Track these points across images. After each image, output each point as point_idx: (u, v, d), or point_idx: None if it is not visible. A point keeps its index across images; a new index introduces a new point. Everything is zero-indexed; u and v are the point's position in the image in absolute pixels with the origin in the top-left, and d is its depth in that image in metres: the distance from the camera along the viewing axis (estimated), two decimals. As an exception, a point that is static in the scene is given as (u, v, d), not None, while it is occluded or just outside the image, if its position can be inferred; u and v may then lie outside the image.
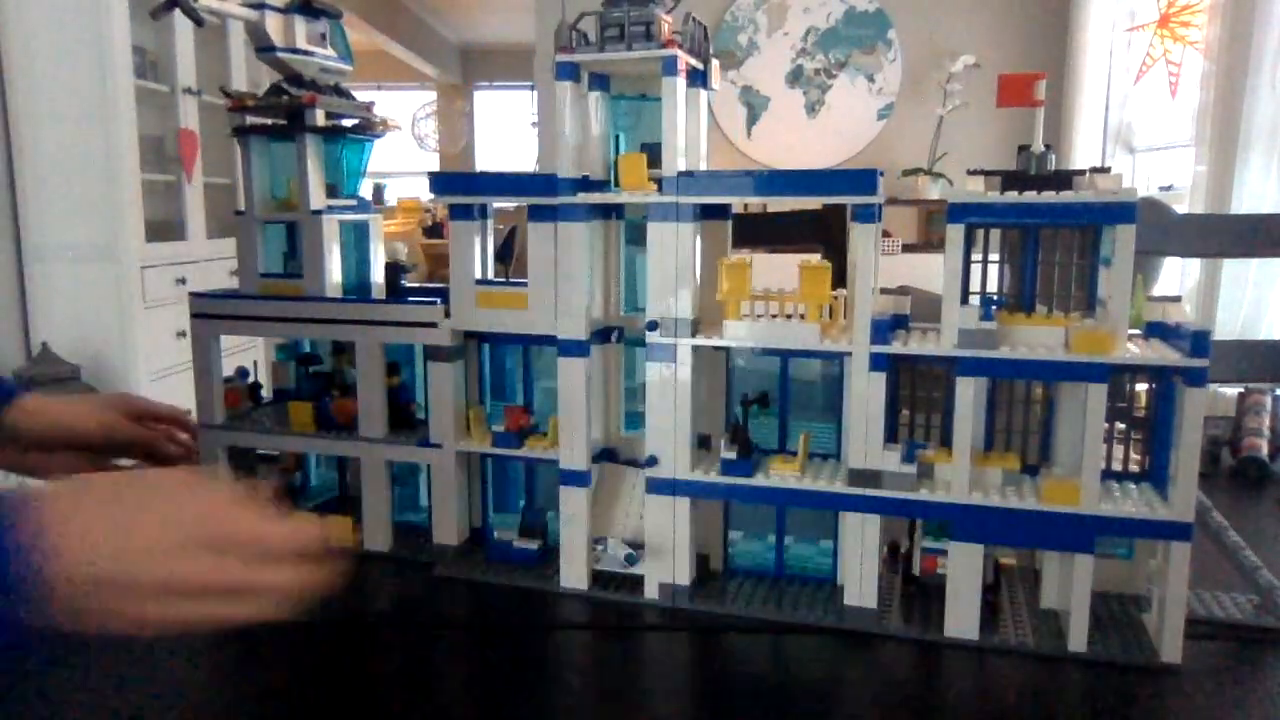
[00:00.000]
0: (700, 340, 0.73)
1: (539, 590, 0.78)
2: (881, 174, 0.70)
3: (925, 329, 0.74)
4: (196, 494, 0.53)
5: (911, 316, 0.75)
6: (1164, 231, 1.62)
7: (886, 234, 4.81)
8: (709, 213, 0.77)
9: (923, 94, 5.04)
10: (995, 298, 0.73)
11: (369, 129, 0.92)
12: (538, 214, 0.77)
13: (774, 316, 0.74)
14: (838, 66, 5.13)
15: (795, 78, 5.16)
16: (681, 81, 0.73)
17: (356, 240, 0.93)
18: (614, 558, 0.77)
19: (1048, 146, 0.69)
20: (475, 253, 0.81)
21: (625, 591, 0.77)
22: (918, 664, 0.66)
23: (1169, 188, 4.24)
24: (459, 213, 0.80)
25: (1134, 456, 0.73)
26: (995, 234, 0.73)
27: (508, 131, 9.76)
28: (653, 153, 0.74)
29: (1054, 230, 0.71)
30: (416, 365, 0.92)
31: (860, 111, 5.15)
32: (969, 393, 0.67)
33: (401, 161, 9.68)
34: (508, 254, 7.68)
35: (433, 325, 0.82)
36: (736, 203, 0.77)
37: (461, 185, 0.81)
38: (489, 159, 9.88)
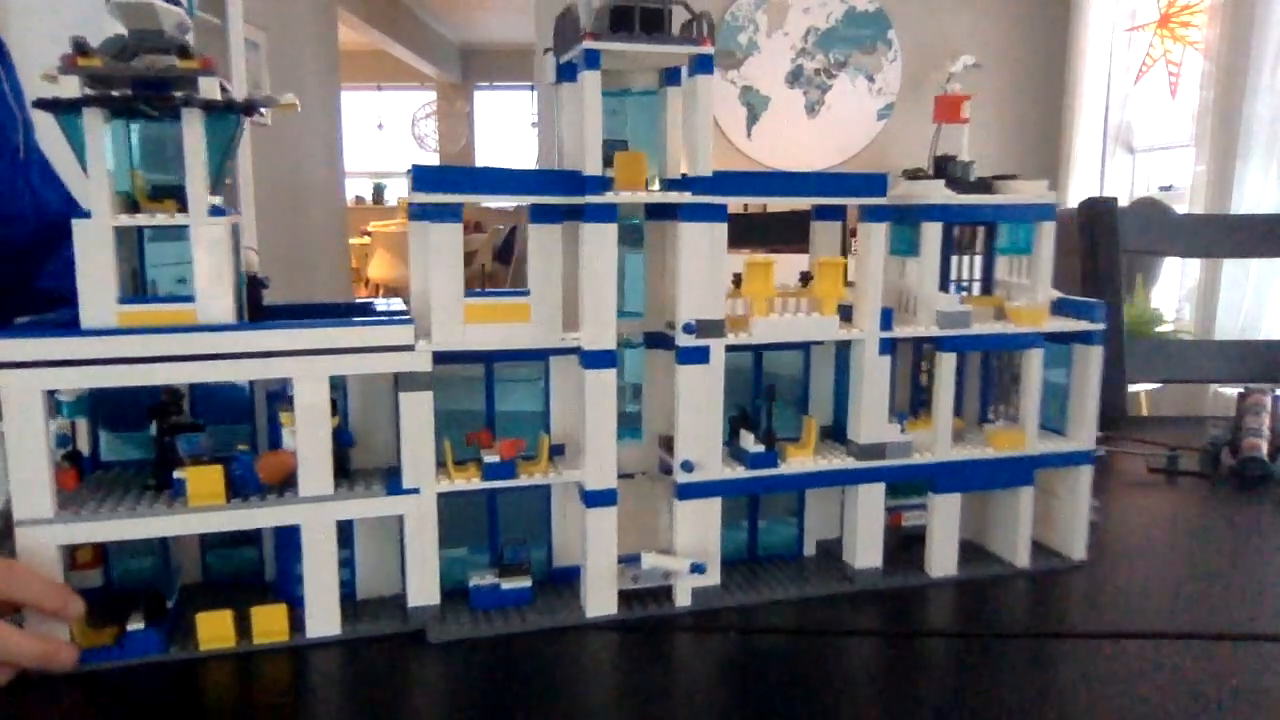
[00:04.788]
0: (731, 339, 0.74)
1: (564, 628, 0.71)
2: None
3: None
4: None
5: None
6: (1164, 231, 1.62)
7: (886, 234, 4.80)
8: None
9: (923, 94, 5.04)
10: (962, 285, 0.87)
11: (240, 105, 0.69)
12: (543, 215, 0.72)
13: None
14: (838, 66, 5.13)
15: (795, 78, 5.15)
16: (705, 79, 0.72)
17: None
18: (655, 572, 0.73)
19: (970, 160, 0.85)
20: (459, 260, 0.71)
21: (655, 606, 0.74)
22: (923, 603, 0.77)
23: (1169, 188, 4.23)
24: (443, 214, 0.70)
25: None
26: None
27: (508, 131, 9.75)
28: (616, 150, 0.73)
29: (972, 227, 0.86)
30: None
31: (860, 111, 5.15)
32: (950, 366, 0.79)
33: (401, 161, 9.68)
34: (507, 255, 7.69)
35: (407, 349, 0.69)
36: (737, 203, 0.77)
37: (455, 182, 0.70)
38: (489, 159, 9.88)
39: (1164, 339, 2.97)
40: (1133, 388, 1.71)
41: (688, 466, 0.74)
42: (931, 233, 0.78)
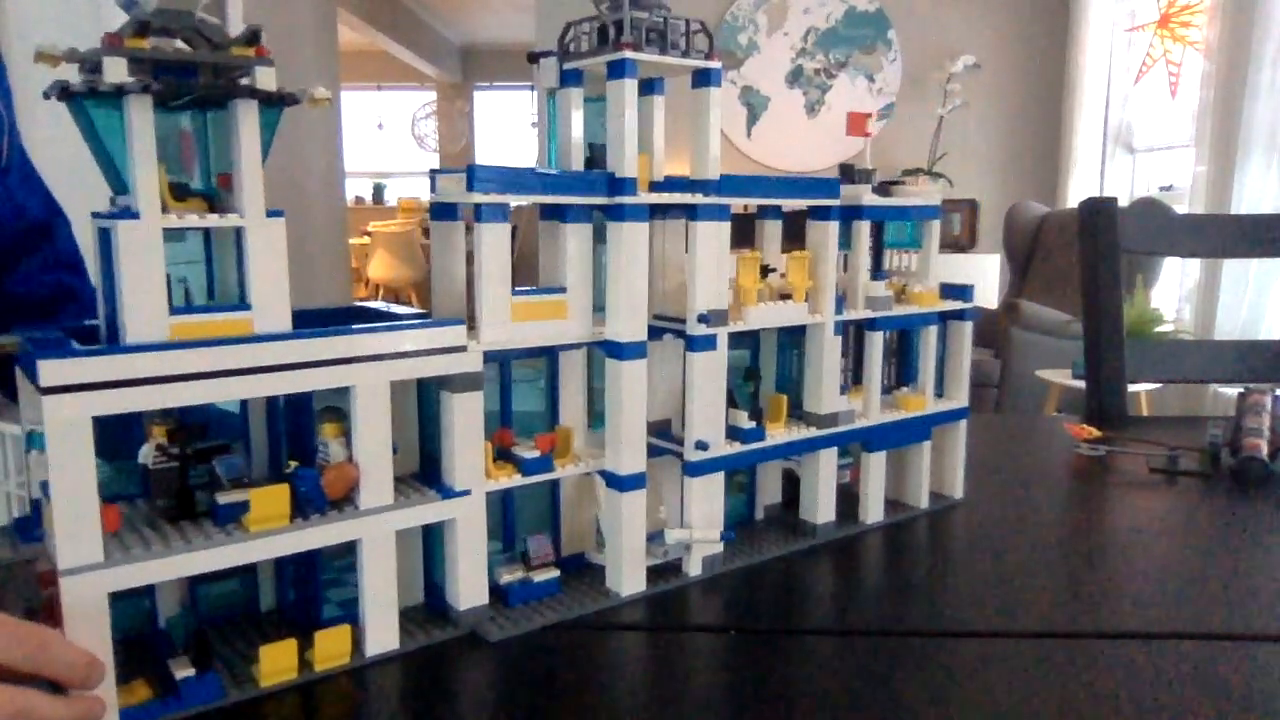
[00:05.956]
0: (733, 327, 0.80)
1: (604, 610, 0.74)
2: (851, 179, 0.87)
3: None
4: None
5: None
6: (1164, 231, 1.62)
7: (886, 234, 4.80)
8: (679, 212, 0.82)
9: (923, 94, 5.04)
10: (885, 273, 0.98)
11: (291, 98, 0.65)
12: (577, 215, 0.75)
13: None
14: (838, 66, 5.14)
15: (795, 78, 5.16)
16: (716, 91, 0.78)
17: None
18: (678, 546, 0.79)
19: (873, 168, 0.94)
20: (508, 259, 0.72)
21: (674, 578, 0.79)
22: (868, 544, 0.91)
23: (1169, 188, 4.24)
24: (494, 213, 0.70)
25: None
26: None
27: (508, 131, 9.76)
28: (598, 153, 0.78)
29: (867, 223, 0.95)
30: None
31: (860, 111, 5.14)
32: (880, 343, 0.91)
33: (401, 161, 9.69)
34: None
35: (460, 350, 0.68)
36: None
37: (510, 183, 0.70)
38: (489, 159, 9.88)
39: (1164, 339, 2.97)
40: (1133, 388, 1.71)
41: (703, 445, 0.78)
42: (863, 229, 0.90)
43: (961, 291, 0.98)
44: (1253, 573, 0.84)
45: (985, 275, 4.65)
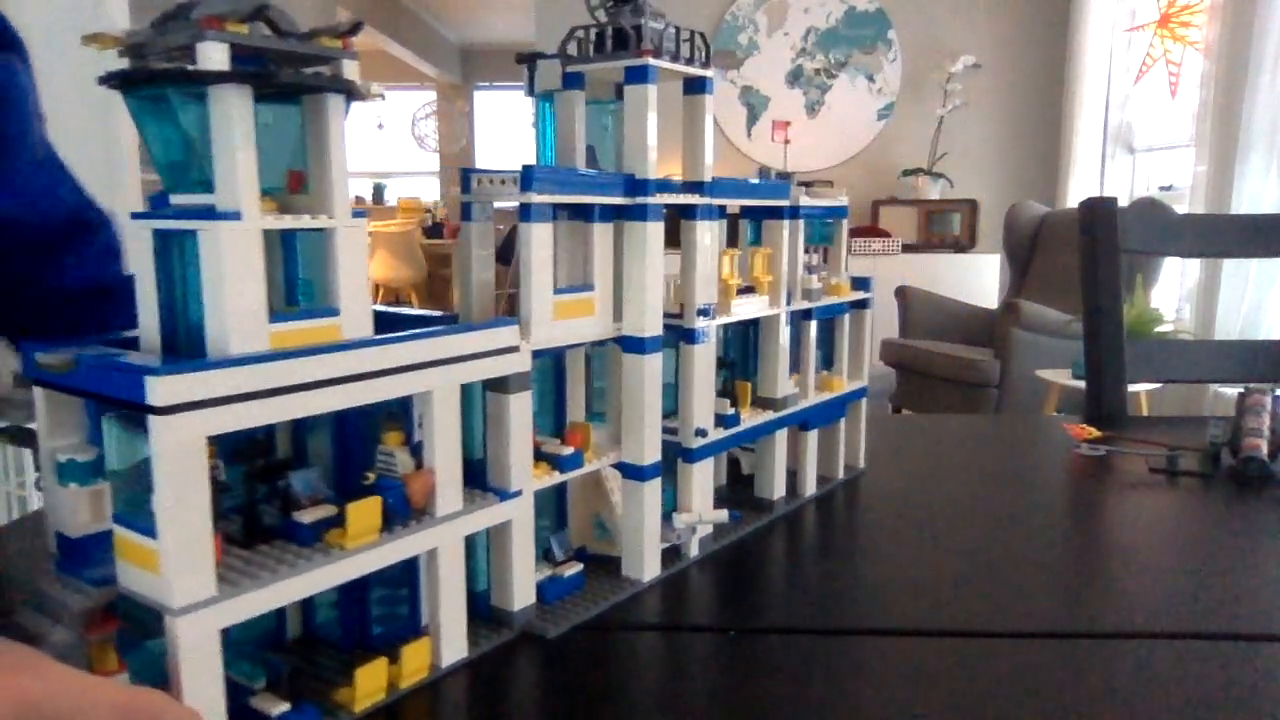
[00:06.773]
0: (722, 320, 0.85)
1: (633, 596, 0.77)
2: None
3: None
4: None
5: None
6: (1164, 231, 1.62)
7: (885, 234, 4.81)
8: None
9: (923, 94, 5.05)
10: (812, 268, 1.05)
11: (361, 93, 0.62)
12: (603, 215, 0.77)
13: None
14: (838, 66, 5.14)
15: (795, 78, 5.16)
16: (710, 97, 0.82)
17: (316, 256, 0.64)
18: (689, 529, 0.82)
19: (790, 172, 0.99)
20: (550, 259, 0.72)
21: (675, 560, 0.82)
22: (811, 515, 0.97)
23: (1169, 188, 4.24)
24: (542, 213, 0.70)
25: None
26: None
27: (508, 131, 9.76)
28: (589, 155, 0.82)
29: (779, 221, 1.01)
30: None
31: (860, 111, 5.15)
32: (813, 331, 0.98)
33: (401, 161, 9.70)
34: (508, 255, 7.69)
35: (514, 350, 0.68)
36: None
37: (561, 183, 0.72)
38: (489, 159, 9.89)
39: (1164, 339, 2.97)
40: (1133, 388, 1.71)
41: (702, 432, 0.82)
42: (799, 227, 0.97)
43: (864, 283, 1.09)
44: (1253, 573, 0.84)
45: (985, 275, 4.66)
